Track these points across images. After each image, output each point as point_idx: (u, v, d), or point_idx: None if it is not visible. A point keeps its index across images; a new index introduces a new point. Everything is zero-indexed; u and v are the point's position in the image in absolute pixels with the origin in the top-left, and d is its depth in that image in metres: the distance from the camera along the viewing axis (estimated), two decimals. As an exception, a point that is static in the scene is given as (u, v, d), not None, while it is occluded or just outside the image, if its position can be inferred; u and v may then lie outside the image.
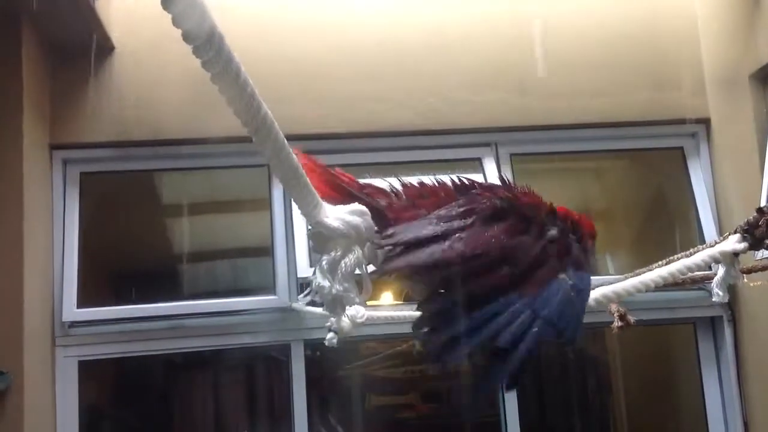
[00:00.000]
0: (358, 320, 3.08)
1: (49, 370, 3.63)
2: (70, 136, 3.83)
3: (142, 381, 4.99)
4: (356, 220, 1.08)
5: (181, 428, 5.07)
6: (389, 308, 3.63)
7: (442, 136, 4.06)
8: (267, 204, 3.99)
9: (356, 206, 1.10)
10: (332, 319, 2.84)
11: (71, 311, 3.71)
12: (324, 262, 1.04)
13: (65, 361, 3.69)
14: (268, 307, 3.86)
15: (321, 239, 1.06)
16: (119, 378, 4.99)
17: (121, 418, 4.80)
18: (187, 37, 0.86)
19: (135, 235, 4.94)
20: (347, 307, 1.06)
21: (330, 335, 2.93)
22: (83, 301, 3.75)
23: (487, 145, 4.10)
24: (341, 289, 1.03)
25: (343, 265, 1.04)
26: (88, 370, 3.80)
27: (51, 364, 3.65)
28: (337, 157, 4.01)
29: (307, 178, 1.02)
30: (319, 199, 1.06)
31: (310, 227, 1.07)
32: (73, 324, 3.72)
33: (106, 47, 3.86)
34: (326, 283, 1.03)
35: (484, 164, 4.06)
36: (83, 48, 3.79)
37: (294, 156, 0.98)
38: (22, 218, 3.43)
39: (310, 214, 1.04)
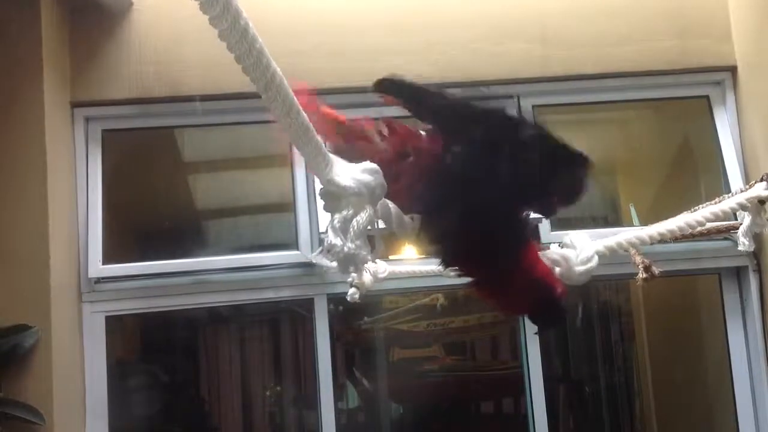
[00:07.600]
0: (380, 275, 3.10)
1: (77, 326, 3.68)
2: (91, 94, 3.83)
3: (169, 336, 5.07)
4: (368, 178, 1.07)
5: (207, 381, 5.16)
6: (411, 262, 3.63)
7: (464, 89, 4.01)
8: (288, 159, 3.98)
9: (368, 164, 1.09)
10: (354, 274, 2.85)
11: (97, 267, 3.74)
12: (336, 221, 1.03)
13: (92, 316, 3.73)
14: (291, 261, 3.87)
15: (332, 198, 1.05)
16: (146, 333, 5.06)
17: (149, 372, 4.88)
18: (193, -6, 0.86)
19: (158, 192, 4.97)
20: (361, 265, 1.06)
21: (352, 290, 2.95)
22: (108, 258, 3.79)
23: (509, 96, 4.04)
24: (353, 247, 1.02)
25: (355, 223, 1.03)
26: (115, 325, 3.85)
27: (78, 320, 3.69)
28: (356, 111, 3.98)
29: (318, 138, 1.01)
30: (331, 157, 1.06)
31: (321, 187, 1.07)
32: (99, 280, 3.76)
33: (125, 2, 3.84)
34: (338, 242, 1.02)
35: (506, 116, 4.01)
36: (102, 3, 3.78)
37: (304, 115, 0.97)
38: (46, 176, 3.45)
39: (321, 173, 1.04)
